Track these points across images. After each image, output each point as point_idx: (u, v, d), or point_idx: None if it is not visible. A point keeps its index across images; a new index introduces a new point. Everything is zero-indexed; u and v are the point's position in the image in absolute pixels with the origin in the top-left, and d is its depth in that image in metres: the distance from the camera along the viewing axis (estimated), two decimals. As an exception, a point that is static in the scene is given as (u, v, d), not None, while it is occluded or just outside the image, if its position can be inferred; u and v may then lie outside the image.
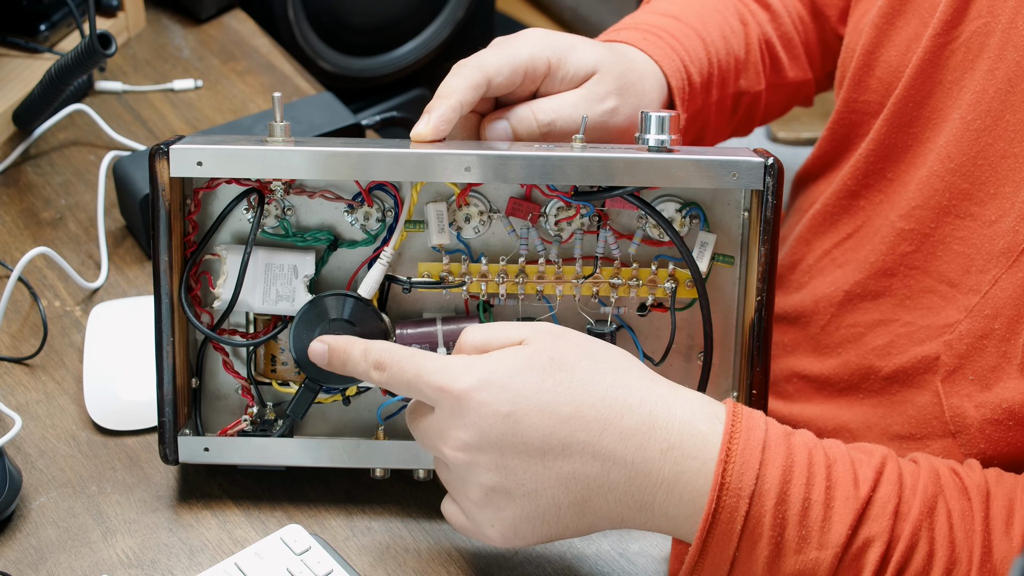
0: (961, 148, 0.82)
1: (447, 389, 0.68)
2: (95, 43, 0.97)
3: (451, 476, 0.71)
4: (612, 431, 0.67)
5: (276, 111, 0.79)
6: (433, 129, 0.78)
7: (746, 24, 0.98)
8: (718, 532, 0.66)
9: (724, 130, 1.01)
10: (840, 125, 0.96)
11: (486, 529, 0.70)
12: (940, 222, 0.85)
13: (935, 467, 0.70)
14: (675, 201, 0.80)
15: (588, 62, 0.84)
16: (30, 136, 1.14)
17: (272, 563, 0.76)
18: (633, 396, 0.68)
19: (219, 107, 1.22)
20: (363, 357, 0.73)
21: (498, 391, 0.67)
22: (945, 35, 0.84)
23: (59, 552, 0.80)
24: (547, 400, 0.67)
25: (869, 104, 0.92)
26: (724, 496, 0.66)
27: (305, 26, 1.55)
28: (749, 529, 0.66)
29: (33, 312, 0.98)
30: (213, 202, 0.82)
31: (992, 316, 0.78)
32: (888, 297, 0.88)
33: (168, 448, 0.81)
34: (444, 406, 0.68)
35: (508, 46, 0.82)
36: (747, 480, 0.66)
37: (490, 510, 0.69)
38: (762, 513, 0.66)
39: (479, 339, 0.71)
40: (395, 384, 0.71)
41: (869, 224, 0.91)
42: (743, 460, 0.66)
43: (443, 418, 0.69)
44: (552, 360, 0.68)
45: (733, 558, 0.67)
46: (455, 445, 0.68)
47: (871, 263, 0.89)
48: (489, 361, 0.68)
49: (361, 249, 0.82)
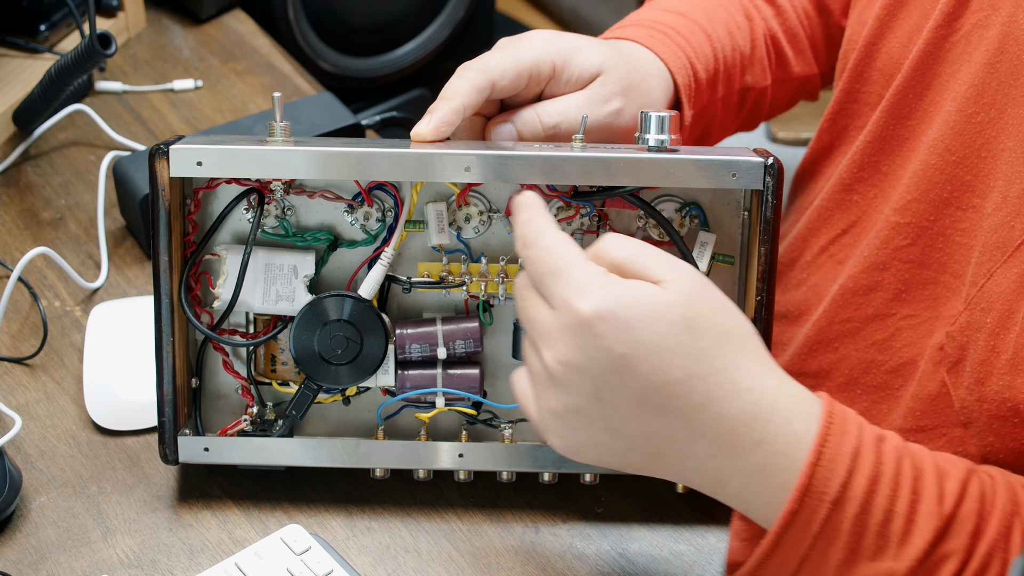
0: (964, 140, 0.82)
1: (573, 305, 0.65)
2: (95, 43, 0.97)
3: (540, 370, 0.67)
4: (712, 410, 0.66)
5: (276, 111, 0.79)
6: (434, 130, 0.78)
7: (751, 20, 0.99)
8: (794, 531, 0.66)
9: (730, 126, 1.01)
10: (839, 116, 0.96)
11: (551, 436, 0.68)
12: (939, 215, 0.85)
13: (1011, 484, 0.70)
14: (675, 201, 0.80)
15: (593, 64, 0.84)
16: (30, 136, 1.14)
17: (272, 563, 0.76)
18: (743, 382, 0.67)
19: (219, 107, 1.22)
20: (521, 224, 0.69)
21: (620, 330, 0.65)
22: (946, 27, 0.84)
23: (59, 552, 0.80)
24: (662, 358, 0.65)
25: (869, 95, 0.92)
26: (807, 498, 0.65)
27: (305, 26, 1.55)
28: (826, 532, 0.66)
29: (33, 312, 0.98)
30: (213, 202, 0.82)
31: (985, 310, 0.79)
32: (880, 291, 0.88)
33: (168, 448, 0.81)
34: (562, 317, 0.65)
35: (512, 48, 0.82)
36: (833, 485, 0.65)
37: (564, 424, 0.67)
38: (842, 519, 0.65)
39: (620, 257, 0.68)
40: (529, 266, 0.68)
41: (865, 219, 0.91)
42: (832, 466, 0.66)
43: (557, 326, 0.66)
44: (683, 319, 0.66)
45: (804, 557, 0.67)
46: (558, 356, 0.65)
47: (865, 257, 0.89)
48: (622, 294, 0.65)
49: (361, 249, 0.82)
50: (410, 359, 0.82)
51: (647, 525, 0.83)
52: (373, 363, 0.81)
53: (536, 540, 0.82)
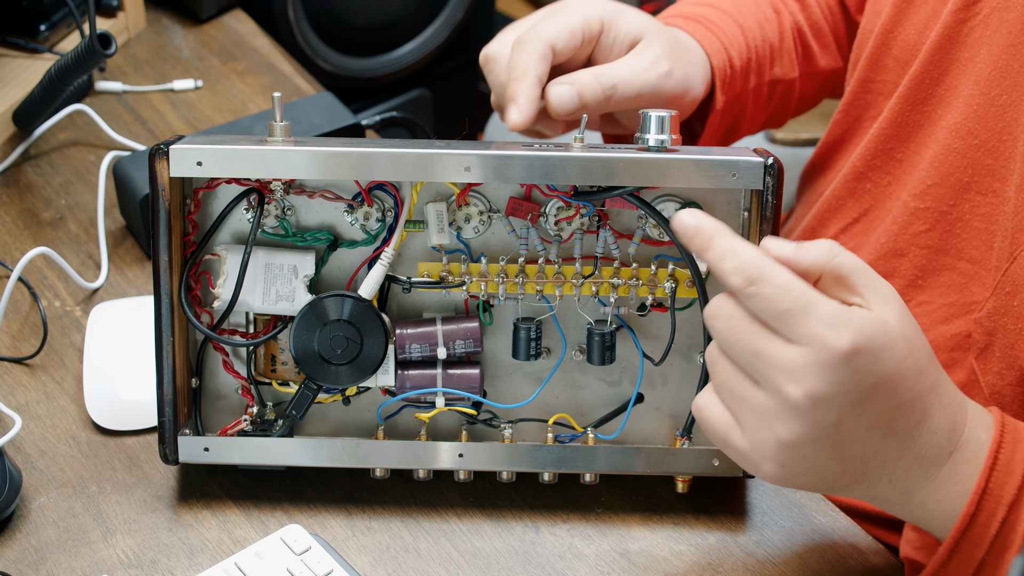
0: (985, 124, 0.82)
1: (828, 342, 0.63)
2: (95, 43, 0.97)
3: (770, 402, 0.66)
4: (924, 426, 0.67)
5: (276, 111, 0.79)
6: (527, 112, 0.78)
7: (779, 12, 0.99)
8: (972, 534, 0.67)
9: (759, 118, 1.01)
10: (853, 107, 0.96)
11: (768, 464, 0.67)
12: (959, 199, 0.84)
13: None
14: (675, 201, 0.80)
15: (636, 26, 0.86)
16: (30, 136, 1.14)
17: (272, 563, 0.76)
18: (946, 396, 0.68)
19: (219, 107, 1.22)
20: (729, 256, 0.67)
21: (871, 361, 0.65)
22: (965, 11, 0.84)
23: (59, 552, 0.80)
24: (896, 383, 0.66)
25: (884, 84, 0.92)
26: (985, 501, 0.67)
27: (305, 26, 1.55)
28: (1003, 536, 0.67)
29: (33, 312, 0.98)
30: (213, 202, 0.82)
31: (1011, 293, 0.78)
32: (896, 278, 0.88)
33: (168, 448, 0.81)
34: (815, 353, 0.64)
35: (559, 13, 0.83)
36: (1009, 489, 0.67)
37: (791, 454, 0.66)
38: (1017, 522, 0.67)
39: (847, 268, 0.66)
40: (760, 303, 0.65)
41: (878, 206, 0.91)
42: (1009, 470, 0.67)
43: (805, 360, 0.64)
44: (905, 341, 0.66)
45: (981, 561, 0.68)
46: (807, 390, 0.64)
47: (881, 244, 0.89)
48: (867, 325, 0.65)
49: (361, 249, 0.82)
50: (410, 359, 0.82)
51: (647, 525, 0.83)
52: (373, 363, 0.81)
53: (536, 540, 0.82)
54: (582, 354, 0.83)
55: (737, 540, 0.82)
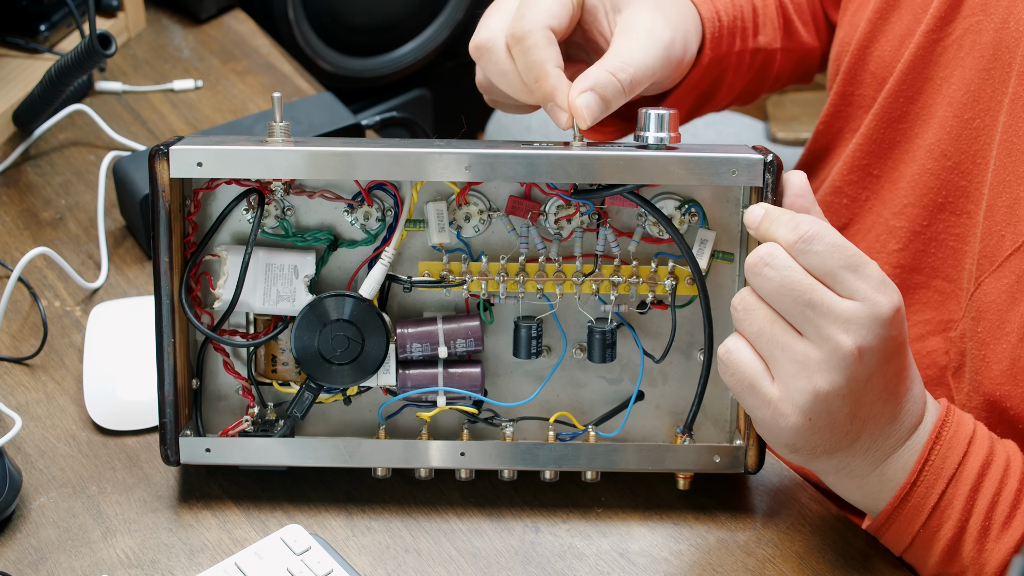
0: (959, 146, 0.82)
1: (878, 299, 0.69)
2: (95, 43, 0.97)
3: (818, 352, 0.69)
4: (912, 392, 0.73)
5: (276, 111, 0.79)
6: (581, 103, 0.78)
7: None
8: (911, 504, 0.72)
9: (736, 86, 0.99)
10: (834, 119, 0.96)
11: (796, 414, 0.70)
12: (933, 219, 0.85)
13: None
14: (675, 198, 0.80)
15: None
16: (30, 136, 1.14)
17: (272, 563, 0.76)
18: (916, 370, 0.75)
19: (219, 107, 1.22)
20: (784, 214, 0.72)
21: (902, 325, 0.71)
22: (938, 31, 0.84)
23: (59, 552, 0.80)
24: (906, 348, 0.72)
25: (863, 98, 0.92)
26: (926, 471, 0.72)
27: (305, 26, 1.55)
28: (940, 508, 0.72)
29: (33, 312, 0.98)
30: (213, 203, 0.82)
31: (976, 319, 0.79)
32: None
33: (169, 449, 0.81)
34: (868, 308, 0.69)
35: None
36: (950, 463, 0.72)
37: (820, 405, 0.70)
38: (955, 496, 0.72)
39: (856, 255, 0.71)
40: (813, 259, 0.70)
41: (857, 221, 0.92)
42: (950, 445, 0.72)
43: (860, 314, 0.69)
44: None
45: (916, 533, 0.73)
46: (859, 342, 0.68)
47: None
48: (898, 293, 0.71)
49: (361, 249, 0.82)
50: (411, 358, 0.82)
51: (647, 525, 0.83)
52: (374, 363, 0.81)
53: (536, 540, 0.82)
54: (583, 352, 0.83)
55: (737, 540, 0.82)
